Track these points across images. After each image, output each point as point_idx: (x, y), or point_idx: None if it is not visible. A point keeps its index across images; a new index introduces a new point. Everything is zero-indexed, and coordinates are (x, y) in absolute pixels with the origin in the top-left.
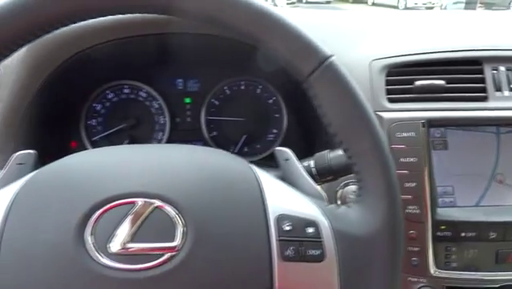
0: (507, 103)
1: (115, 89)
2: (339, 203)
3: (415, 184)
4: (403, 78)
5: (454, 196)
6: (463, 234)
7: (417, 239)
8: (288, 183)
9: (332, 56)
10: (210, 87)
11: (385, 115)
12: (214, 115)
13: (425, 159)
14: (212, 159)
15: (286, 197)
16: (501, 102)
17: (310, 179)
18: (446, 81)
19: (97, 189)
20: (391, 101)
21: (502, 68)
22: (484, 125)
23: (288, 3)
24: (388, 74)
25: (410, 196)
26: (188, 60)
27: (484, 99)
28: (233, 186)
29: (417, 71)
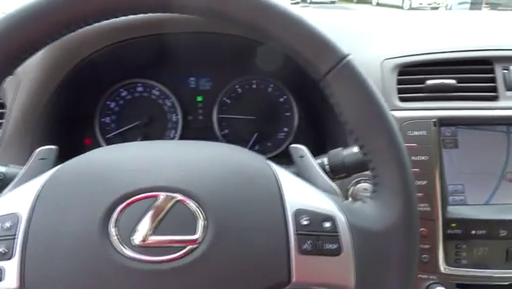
0: None
1: (128, 87)
2: (351, 200)
3: (426, 182)
4: (414, 77)
5: (464, 194)
6: (473, 232)
7: (428, 237)
8: (303, 179)
9: (349, 55)
10: (222, 85)
11: (397, 113)
12: (226, 113)
13: (436, 157)
14: (231, 155)
15: (303, 193)
16: (511, 101)
17: (325, 175)
18: (457, 80)
19: (121, 183)
20: (402, 100)
21: None
22: (494, 124)
23: (292, 3)
24: (400, 73)
25: (421, 194)
26: (200, 59)
27: (494, 98)
28: (252, 182)
29: (428, 71)
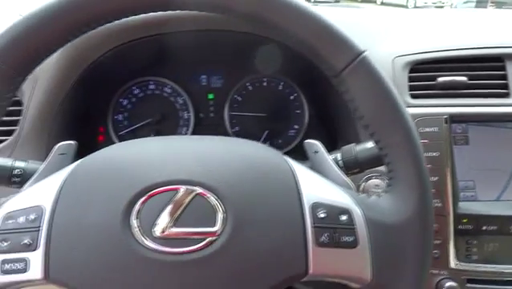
0: None
1: (140, 85)
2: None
3: (437, 178)
4: (425, 74)
5: (475, 190)
6: (484, 228)
7: (439, 232)
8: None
9: (365, 51)
10: (233, 83)
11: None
12: (237, 110)
13: (447, 154)
14: (249, 150)
15: (320, 187)
16: None
17: (339, 170)
18: (468, 78)
19: (142, 177)
20: (413, 97)
21: None
22: (505, 121)
23: None
24: (411, 70)
25: (432, 190)
26: (211, 57)
27: (506, 95)
28: (269, 176)
29: (440, 68)
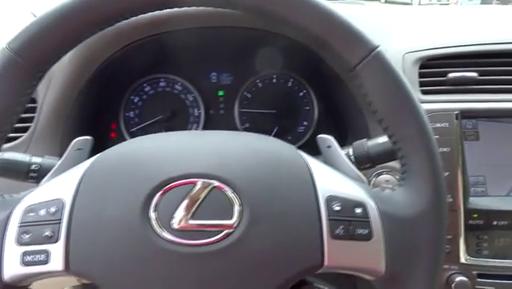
0: None
1: (151, 82)
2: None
3: (448, 173)
4: (436, 70)
5: (486, 185)
6: (495, 223)
7: (449, 227)
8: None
9: (379, 46)
10: (243, 80)
11: None
12: (247, 107)
13: (458, 149)
14: (264, 144)
15: (334, 180)
16: None
17: (352, 165)
18: (479, 73)
19: (160, 170)
20: (424, 93)
21: None
22: None
23: None
24: (421, 66)
25: None
26: (221, 54)
27: None
28: (285, 169)
29: (450, 64)
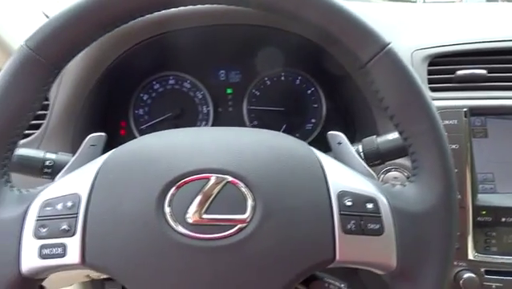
0: None
1: (160, 80)
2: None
3: (456, 170)
4: (444, 67)
5: (494, 182)
6: (503, 220)
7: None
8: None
9: (391, 43)
10: (251, 78)
11: None
12: (255, 105)
13: (466, 146)
14: (277, 140)
15: (345, 176)
16: None
17: (362, 161)
18: (488, 70)
19: (174, 166)
20: (433, 90)
21: None
22: None
23: None
24: (430, 64)
25: None
26: (229, 52)
27: None
28: (297, 165)
29: (459, 61)
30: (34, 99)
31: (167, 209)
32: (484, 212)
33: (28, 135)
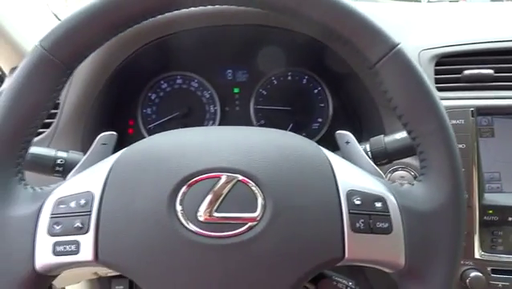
0: None
1: (168, 79)
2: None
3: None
4: (451, 67)
5: (501, 182)
6: (510, 219)
7: None
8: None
9: (400, 44)
10: (258, 77)
11: None
12: (262, 104)
13: (473, 146)
14: (285, 139)
15: (354, 175)
16: None
17: (370, 160)
18: (495, 70)
19: (185, 164)
20: (440, 90)
21: None
22: None
23: None
24: (437, 63)
25: None
26: (237, 52)
27: None
28: (307, 164)
29: (466, 61)
30: (47, 98)
31: (178, 207)
32: (490, 211)
33: (39, 133)
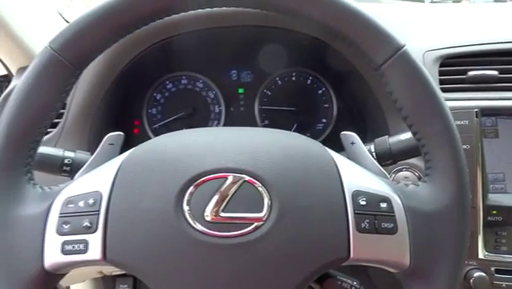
0: None
1: (173, 80)
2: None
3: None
4: (456, 68)
5: (505, 182)
6: None
7: None
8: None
9: (405, 45)
10: (263, 78)
11: None
12: (266, 104)
13: (477, 147)
14: (291, 140)
15: (359, 176)
16: None
17: (375, 161)
18: (499, 71)
19: (192, 165)
20: (444, 91)
21: None
22: None
23: None
24: (441, 64)
25: None
26: (241, 53)
27: None
28: (312, 165)
29: (470, 62)
30: (56, 99)
31: (185, 207)
32: (494, 211)
33: (46, 133)
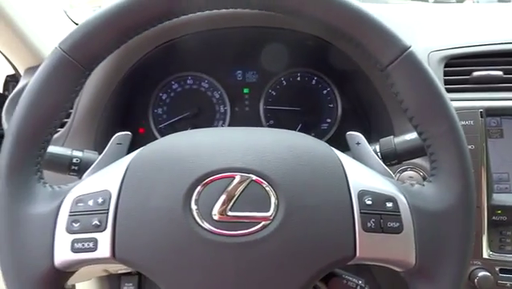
0: None
1: (179, 80)
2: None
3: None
4: (460, 69)
5: (509, 182)
6: None
7: None
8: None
9: (411, 46)
10: (267, 78)
11: None
12: (271, 104)
13: (482, 147)
14: (298, 140)
15: (365, 175)
16: None
17: (381, 161)
18: (504, 72)
19: (200, 164)
20: (449, 91)
21: None
22: None
23: None
24: (446, 65)
25: None
26: (246, 53)
27: None
28: (319, 164)
29: (475, 62)
30: (66, 99)
31: (193, 206)
32: (499, 211)
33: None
